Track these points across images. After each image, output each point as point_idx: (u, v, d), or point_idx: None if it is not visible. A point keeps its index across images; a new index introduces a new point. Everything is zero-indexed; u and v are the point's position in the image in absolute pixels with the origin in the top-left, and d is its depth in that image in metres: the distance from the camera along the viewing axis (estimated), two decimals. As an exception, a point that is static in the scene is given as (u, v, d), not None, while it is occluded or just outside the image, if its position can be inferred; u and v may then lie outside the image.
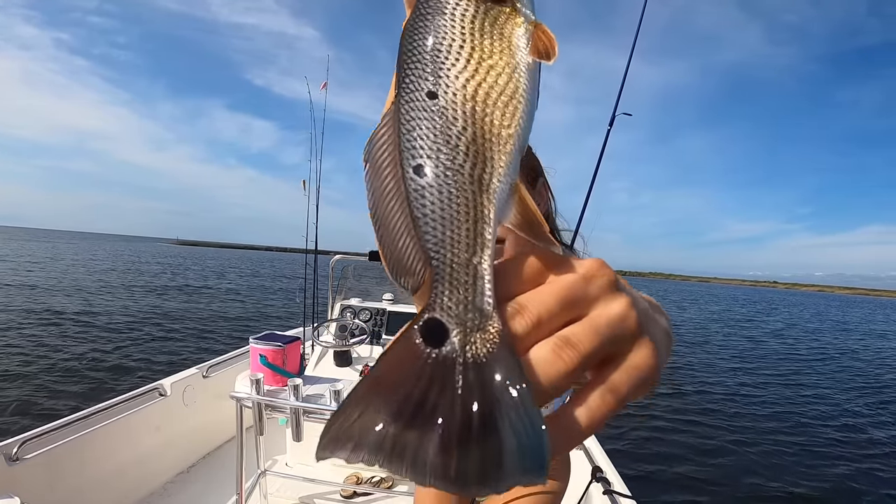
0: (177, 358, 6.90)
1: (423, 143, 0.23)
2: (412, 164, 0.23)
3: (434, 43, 0.24)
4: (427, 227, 0.22)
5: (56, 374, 5.65)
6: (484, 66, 0.24)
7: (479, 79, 0.23)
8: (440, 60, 0.24)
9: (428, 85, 0.23)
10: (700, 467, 4.36)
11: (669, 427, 5.39)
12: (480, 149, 0.23)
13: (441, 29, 0.24)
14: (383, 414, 0.19)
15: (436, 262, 0.21)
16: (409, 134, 0.23)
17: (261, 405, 1.75)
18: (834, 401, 7.34)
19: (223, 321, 10.83)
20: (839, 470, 4.56)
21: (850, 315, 34.32)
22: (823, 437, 5.49)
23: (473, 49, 0.24)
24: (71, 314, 9.80)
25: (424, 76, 0.24)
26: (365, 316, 2.90)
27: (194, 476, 2.40)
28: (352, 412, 0.19)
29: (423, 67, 0.24)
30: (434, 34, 0.24)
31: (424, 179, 0.22)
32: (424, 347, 0.20)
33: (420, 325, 0.20)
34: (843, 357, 12.35)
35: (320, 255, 3.10)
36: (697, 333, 14.92)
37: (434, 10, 0.24)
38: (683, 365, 9.36)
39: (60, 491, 1.77)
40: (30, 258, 26.78)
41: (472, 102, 0.23)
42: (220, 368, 2.68)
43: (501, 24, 0.25)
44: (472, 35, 0.24)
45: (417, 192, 0.22)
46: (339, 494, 2.24)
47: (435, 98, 0.23)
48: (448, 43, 0.24)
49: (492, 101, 0.23)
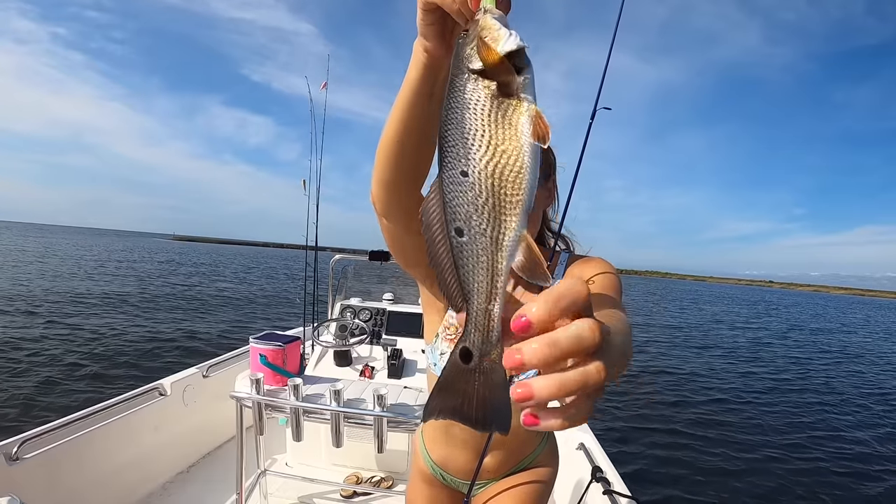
0: (177, 358, 6.90)
1: (459, 211, 0.34)
2: (454, 226, 0.34)
3: (463, 133, 0.34)
4: (464, 275, 0.34)
5: (56, 374, 5.64)
6: (499, 151, 0.34)
7: (496, 160, 0.33)
8: (468, 146, 0.34)
9: (461, 166, 0.34)
10: (700, 467, 4.36)
11: (670, 427, 5.40)
12: (498, 214, 0.33)
13: (468, 122, 0.34)
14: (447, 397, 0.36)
15: (469, 305, 0.34)
16: (451, 203, 0.34)
17: (261, 405, 1.75)
18: (839, 402, 7.35)
19: (223, 321, 10.82)
20: (842, 470, 4.57)
21: (851, 317, 34.24)
22: (825, 438, 5.50)
23: (491, 137, 0.34)
24: (68, 313, 9.79)
25: (458, 159, 0.34)
26: (365, 316, 2.90)
27: (194, 476, 2.40)
28: (434, 396, 0.36)
29: (457, 152, 0.35)
30: (463, 126, 0.35)
31: (462, 240, 0.34)
32: (461, 363, 0.35)
33: (459, 350, 0.35)
34: (850, 360, 12.34)
35: (320, 253, 3.09)
36: (697, 335, 14.93)
37: (461, 104, 0.35)
38: (685, 365, 9.36)
39: (60, 491, 1.77)
40: (23, 253, 26.73)
41: (492, 178, 0.33)
42: (220, 368, 2.68)
43: (510, 115, 0.34)
44: (489, 125, 0.34)
45: (458, 249, 0.34)
46: (338, 494, 2.24)
47: (466, 176, 0.34)
48: (472, 132, 0.34)
49: (505, 176, 0.33)
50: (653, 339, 12.70)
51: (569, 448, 2.10)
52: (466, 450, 1.00)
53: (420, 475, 1.10)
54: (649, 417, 5.70)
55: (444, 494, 1.09)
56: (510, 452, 1.00)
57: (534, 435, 1.04)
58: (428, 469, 1.07)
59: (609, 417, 5.55)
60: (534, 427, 0.29)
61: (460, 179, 0.34)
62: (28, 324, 8.43)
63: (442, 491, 1.08)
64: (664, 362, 9.46)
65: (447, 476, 1.05)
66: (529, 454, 1.04)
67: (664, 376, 8.07)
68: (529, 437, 1.03)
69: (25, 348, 6.70)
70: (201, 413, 2.53)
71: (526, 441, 1.03)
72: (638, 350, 10.70)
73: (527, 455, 1.04)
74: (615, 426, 5.27)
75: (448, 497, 1.09)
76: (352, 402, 1.73)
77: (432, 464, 1.06)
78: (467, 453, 1.00)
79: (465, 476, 1.02)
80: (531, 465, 1.04)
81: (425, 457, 1.08)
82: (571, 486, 1.97)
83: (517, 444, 1.02)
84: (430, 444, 1.07)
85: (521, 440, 1.02)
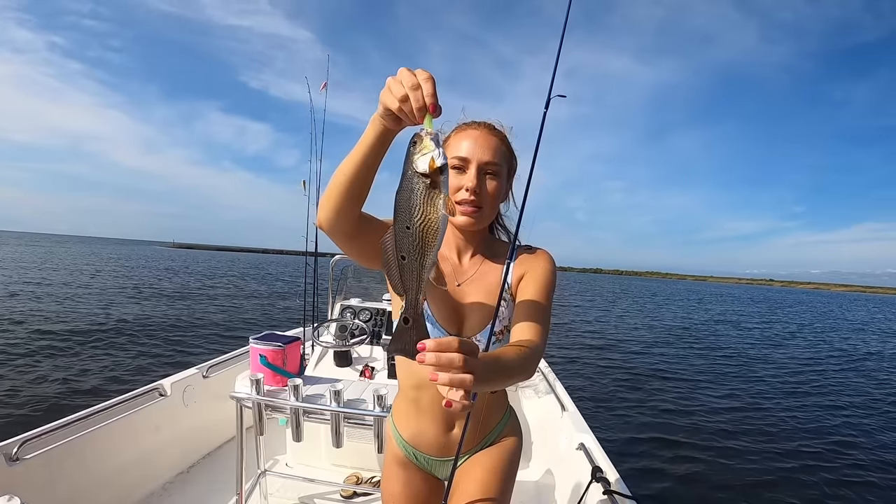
0: (177, 358, 6.90)
1: (403, 246, 0.65)
2: (400, 254, 0.66)
3: (409, 204, 0.64)
4: (405, 279, 0.67)
5: (56, 374, 5.64)
6: (427, 217, 0.64)
7: (425, 222, 0.64)
8: (412, 213, 0.64)
9: (406, 222, 0.65)
10: (701, 468, 4.36)
11: (671, 427, 5.40)
12: (424, 251, 0.65)
13: (412, 199, 0.64)
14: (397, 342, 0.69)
15: (406, 294, 0.67)
16: (399, 242, 0.66)
17: (261, 405, 1.75)
18: (849, 405, 7.34)
19: (223, 321, 10.82)
20: (849, 470, 4.57)
21: (856, 314, 33.98)
22: (828, 440, 5.50)
23: (423, 210, 0.64)
24: (70, 316, 9.80)
25: (405, 218, 0.65)
26: (365, 316, 2.90)
27: (194, 476, 2.40)
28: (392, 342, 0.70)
29: (404, 215, 0.65)
30: (409, 201, 0.64)
31: (404, 262, 0.66)
32: (402, 325, 0.68)
33: (401, 317, 0.68)
34: (861, 360, 12.30)
35: (320, 257, 3.10)
36: (701, 335, 14.92)
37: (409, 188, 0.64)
38: (687, 366, 9.36)
39: (60, 491, 1.77)
40: (22, 262, 26.73)
41: (422, 231, 0.64)
42: (220, 368, 2.68)
43: (435, 198, 0.64)
44: (423, 203, 0.64)
45: (402, 266, 0.66)
46: (339, 495, 2.25)
47: (409, 228, 0.64)
48: (414, 205, 0.64)
49: (429, 231, 0.64)
50: (658, 340, 12.72)
51: (569, 448, 2.10)
52: (435, 422, 1.03)
53: (394, 460, 1.12)
54: (650, 417, 5.70)
55: (418, 478, 1.11)
56: (477, 422, 1.03)
57: (497, 406, 1.09)
58: (401, 451, 1.10)
59: (609, 417, 5.55)
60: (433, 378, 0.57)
61: (405, 230, 0.64)
62: (28, 324, 8.44)
63: (417, 474, 1.11)
64: (665, 363, 9.47)
65: (419, 455, 1.08)
66: (495, 427, 1.08)
67: (665, 376, 8.07)
68: (494, 407, 1.08)
69: (26, 348, 6.71)
70: (201, 413, 2.53)
71: (492, 409, 1.07)
72: (642, 350, 10.71)
73: (493, 427, 1.08)
74: (615, 426, 5.27)
75: (422, 481, 1.11)
76: (352, 402, 1.73)
77: (404, 444, 1.09)
78: (436, 426, 1.04)
79: (437, 452, 1.06)
80: (498, 439, 1.08)
81: (397, 438, 1.11)
82: (571, 487, 1.97)
83: (484, 415, 1.06)
84: (400, 423, 1.10)
85: (488, 409, 1.06)
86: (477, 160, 0.95)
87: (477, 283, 1.01)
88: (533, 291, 0.95)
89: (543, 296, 0.95)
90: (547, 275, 0.98)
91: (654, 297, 36.25)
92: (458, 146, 0.96)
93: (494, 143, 0.97)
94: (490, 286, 1.00)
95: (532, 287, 0.96)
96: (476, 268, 1.04)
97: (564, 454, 2.17)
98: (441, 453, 1.06)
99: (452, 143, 0.98)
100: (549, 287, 0.97)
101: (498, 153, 0.97)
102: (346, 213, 0.80)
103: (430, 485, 1.10)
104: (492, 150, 0.96)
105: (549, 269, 1.00)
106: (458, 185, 0.96)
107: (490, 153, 0.95)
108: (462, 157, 0.95)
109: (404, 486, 1.10)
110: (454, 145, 0.98)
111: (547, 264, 1.00)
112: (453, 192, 0.96)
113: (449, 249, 1.06)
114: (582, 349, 10.21)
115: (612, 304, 26.46)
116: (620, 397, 6.52)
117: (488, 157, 0.95)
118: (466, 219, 0.97)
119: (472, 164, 0.95)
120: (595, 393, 6.66)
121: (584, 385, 7.00)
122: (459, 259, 1.05)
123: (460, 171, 0.96)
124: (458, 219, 0.97)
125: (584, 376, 7.62)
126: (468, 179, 0.95)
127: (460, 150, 0.96)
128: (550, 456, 2.42)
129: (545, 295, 0.95)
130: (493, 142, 0.97)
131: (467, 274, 1.03)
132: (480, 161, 0.95)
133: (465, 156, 0.95)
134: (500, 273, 1.02)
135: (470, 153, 0.95)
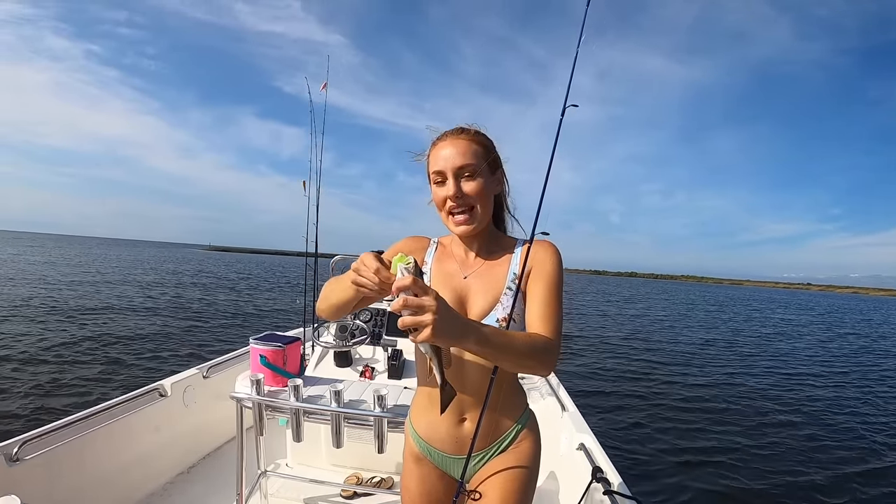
0: (177, 358, 6.90)
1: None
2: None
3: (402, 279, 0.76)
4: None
5: (57, 375, 5.65)
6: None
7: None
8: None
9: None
10: (703, 468, 4.35)
11: (672, 427, 5.40)
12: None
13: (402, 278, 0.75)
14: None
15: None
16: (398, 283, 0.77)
17: (261, 406, 1.75)
18: (850, 413, 7.33)
19: (222, 322, 10.83)
20: (848, 470, 4.56)
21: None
22: (830, 441, 5.49)
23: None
24: (69, 315, 9.80)
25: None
26: (365, 316, 2.90)
27: (194, 477, 2.40)
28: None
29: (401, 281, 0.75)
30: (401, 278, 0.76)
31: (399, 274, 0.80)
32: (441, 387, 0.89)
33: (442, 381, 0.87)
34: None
35: (321, 258, 3.11)
36: (729, 342, 14.89)
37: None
38: (689, 365, 9.36)
39: (60, 491, 1.77)
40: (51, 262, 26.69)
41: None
42: (220, 369, 2.68)
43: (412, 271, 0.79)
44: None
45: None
46: (339, 495, 2.24)
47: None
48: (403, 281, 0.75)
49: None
50: (685, 346, 12.69)
51: (569, 448, 2.09)
52: (447, 414, 1.02)
53: (411, 455, 1.14)
54: (650, 417, 5.69)
55: (434, 475, 1.12)
56: (490, 420, 1.03)
57: (512, 406, 1.09)
58: (416, 447, 1.12)
59: (610, 417, 5.54)
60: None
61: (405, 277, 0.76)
62: (29, 325, 8.44)
63: (433, 471, 1.12)
64: (666, 364, 9.46)
65: (433, 451, 1.09)
66: (511, 428, 1.07)
67: (670, 376, 8.06)
68: (509, 406, 1.08)
69: (26, 349, 6.71)
70: (201, 414, 2.53)
71: (506, 408, 1.07)
72: (669, 361, 10.68)
73: (509, 428, 1.07)
74: (616, 426, 5.27)
75: (438, 479, 1.12)
76: (352, 402, 1.73)
77: (419, 438, 1.11)
78: (447, 418, 1.04)
79: (451, 448, 1.07)
80: (515, 443, 1.07)
81: (413, 434, 1.13)
82: (572, 487, 1.97)
83: (499, 413, 1.05)
84: (416, 418, 1.13)
85: (503, 407, 1.06)
86: (450, 168, 0.99)
87: (483, 276, 1.06)
88: (542, 288, 0.99)
89: (553, 291, 0.99)
90: (554, 270, 1.01)
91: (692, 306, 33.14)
92: (435, 162, 1.02)
93: (463, 145, 1.00)
94: (496, 278, 1.04)
95: (541, 284, 0.99)
96: (482, 261, 1.08)
97: (565, 454, 2.17)
98: (454, 450, 1.06)
99: (430, 161, 1.04)
100: (558, 281, 1.01)
101: (469, 153, 0.99)
102: (342, 315, 1.03)
103: (445, 483, 1.11)
104: (461, 154, 0.99)
105: (555, 263, 1.02)
106: (443, 197, 1.01)
107: (460, 158, 0.98)
108: (438, 171, 1.00)
109: (420, 483, 1.12)
110: (431, 163, 1.03)
111: (553, 258, 1.03)
112: (441, 204, 1.02)
113: (456, 246, 1.11)
114: (585, 348, 10.21)
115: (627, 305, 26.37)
116: (620, 398, 6.52)
117: (459, 161, 0.98)
118: (464, 226, 1.02)
119: (447, 174, 0.99)
120: (595, 392, 6.66)
121: (584, 385, 7.00)
122: (466, 254, 1.10)
123: (441, 184, 1.01)
124: (457, 228, 1.02)
125: (584, 376, 7.62)
126: (448, 189, 0.99)
127: (437, 164, 1.01)
128: (551, 456, 2.42)
129: (554, 290, 0.99)
130: (462, 145, 1.00)
131: (473, 267, 1.08)
132: (454, 167, 0.99)
133: (439, 169, 1.00)
134: (506, 266, 1.06)
135: (443, 165, 0.99)
